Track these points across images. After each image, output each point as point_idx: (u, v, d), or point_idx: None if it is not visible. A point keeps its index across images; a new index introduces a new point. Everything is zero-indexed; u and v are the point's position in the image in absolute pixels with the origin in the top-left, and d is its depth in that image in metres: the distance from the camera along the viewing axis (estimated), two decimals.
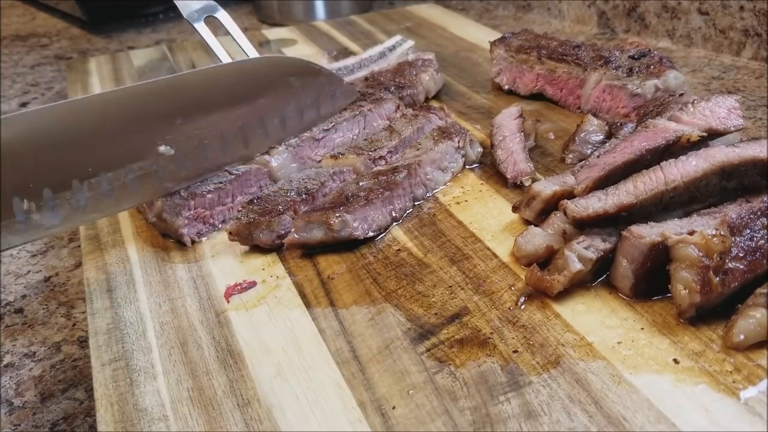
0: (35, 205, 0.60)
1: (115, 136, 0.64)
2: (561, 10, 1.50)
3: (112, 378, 0.57)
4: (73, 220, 0.63)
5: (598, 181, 0.67)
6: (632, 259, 0.58)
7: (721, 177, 0.64)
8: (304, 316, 0.62)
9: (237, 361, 0.58)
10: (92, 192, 0.63)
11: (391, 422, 0.50)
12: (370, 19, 1.55)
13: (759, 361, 0.52)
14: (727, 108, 0.72)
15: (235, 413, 0.52)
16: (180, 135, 0.68)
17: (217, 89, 0.71)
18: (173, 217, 0.73)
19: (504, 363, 0.55)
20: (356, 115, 0.89)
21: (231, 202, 0.78)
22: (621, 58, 0.94)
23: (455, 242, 0.71)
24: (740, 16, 1.14)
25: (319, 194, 0.76)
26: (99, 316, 0.64)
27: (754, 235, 0.58)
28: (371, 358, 0.57)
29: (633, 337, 0.56)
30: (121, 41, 1.76)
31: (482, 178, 0.83)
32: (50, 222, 0.62)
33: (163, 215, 0.73)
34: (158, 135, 0.66)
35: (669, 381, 0.51)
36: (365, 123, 0.89)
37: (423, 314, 0.61)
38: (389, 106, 0.92)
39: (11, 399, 0.68)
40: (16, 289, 0.84)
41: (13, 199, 0.59)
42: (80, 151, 0.62)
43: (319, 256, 0.71)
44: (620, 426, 0.48)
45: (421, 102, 1.04)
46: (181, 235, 0.73)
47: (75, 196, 0.62)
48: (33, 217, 0.60)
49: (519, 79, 1.05)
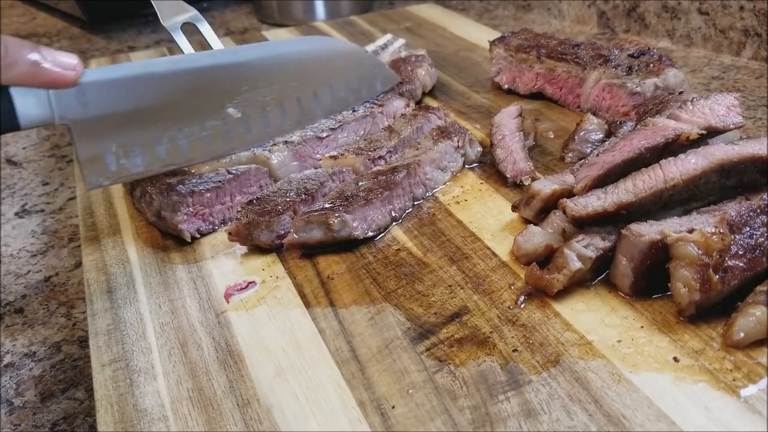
0: (122, 151, 0.68)
1: (192, 96, 0.72)
2: (561, 10, 1.50)
3: (112, 379, 0.57)
4: (153, 167, 0.71)
5: (597, 179, 0.67)
6: (632, 258, 0.58)
7: (721, 175, 0.64)
8: (303, 316, 0.62)
9: (237, 361, 0.58)
10: (171, 144, 0.71)
11: (390, 421, 0.50)
12: (370, 19, 1.55)
13: (759, 359, 0.52)
14: (726, 106, 0.72)
15: (235, 413, 0.52)
16: (245, 100, 0.76)
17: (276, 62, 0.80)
18: (172, 213, 0.73)
19: (504, 362, 0.55)
20: (366, 116, 0.89)
21: (230, 202, 0.78)
22: (620, 56, 0.94)
23: (455, 242, 0.71)
24: (740, 16, 1.14)
25: (319, 194, 0.76)
26: (99, 317, 0.65)
27: (753, 233, 0.58)
28: (371, 357, 0.57)
29: (633, 336, 0.56)
30: (121, 41, 1.76)
31: (482, 178, 0.83)
32: (134, 167, 0.69)
33: (162, 213, 0.73)
34: (227, 98, 0.75)
35: (669, 379, 0.51)
36: (373, 123, 0.90)
37: (423, 314, 0.61)
38: (398, 104, 0.93)
39: (11, 399, 0.68)
40: (16, 289, 0.84)
41: (105, 144, 0.67)
42: (162, 107, 0.70)
43: (318, 256, 0.71)
44: (620, 424, 0.48)
45: (419, 97, 1.05)
46: (181, 231, 0.73)
47: (156, 147, 0.70)
48: (121, 161, 0.68)
49: (518, 78, 1.05)
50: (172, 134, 0.72)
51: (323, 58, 0.84)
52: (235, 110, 0.75)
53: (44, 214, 1.01)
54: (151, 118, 0.70)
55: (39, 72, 0.60)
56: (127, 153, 0.69)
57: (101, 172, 0.68)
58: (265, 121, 0.78)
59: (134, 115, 0.69)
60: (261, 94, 0.77)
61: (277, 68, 0.79)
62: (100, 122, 0.66)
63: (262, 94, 0.77)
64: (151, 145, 0.70)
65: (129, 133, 0.69)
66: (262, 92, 0.77)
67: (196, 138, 0.73)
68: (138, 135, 0.69)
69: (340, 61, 0.86)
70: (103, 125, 0.67)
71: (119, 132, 0.68)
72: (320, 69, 0.83)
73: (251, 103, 0.76)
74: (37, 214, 1.02)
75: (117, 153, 0.68)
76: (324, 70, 0.83)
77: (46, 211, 1.02)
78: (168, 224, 0.74)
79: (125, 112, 0.68)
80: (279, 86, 0.79)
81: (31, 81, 0.61)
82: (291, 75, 0.80)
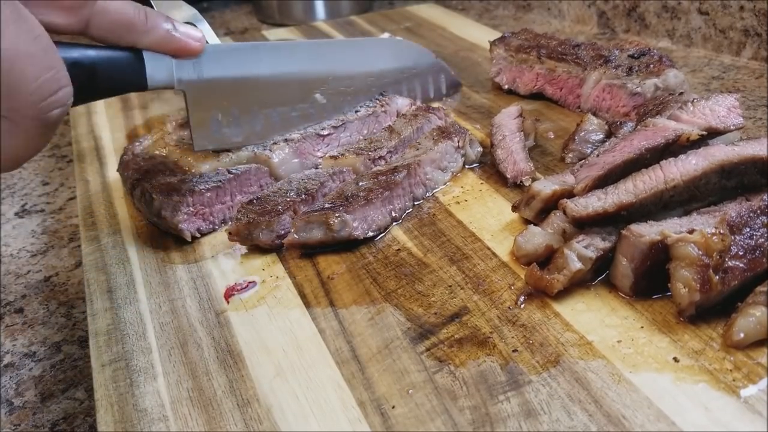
0: (226, 120, 0.78)
1: (288, 79, 0.83)
2: (561, 10, 1.50)
3: (112, 379, 0.57)
4: (249, 139, 0.80)
5: (597, 180, 0.67)
6: (632, 258, 0.58)
7: (721, 176, 0.64)
8: (303, 316, 0.62)
9: (237, 361, 0.58)
10: (266, 120, 0.81)
11: (390, 422, 0.50)
12: (370, 19, 1.55)
13: (759, 360, 0.52)
14: (726, 107, 0.72)
15: (235, 413, 0.53)
16: (330, 88, 0.87)
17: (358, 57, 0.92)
18: (172, 213, 0.73)
19: (504, 362, 0.55)
20: (370, 116, 0.89)
21: (230, 201, 0.78)
22: (620, 57, 0.94)
23: (455, 242, 0.71)
24: (740, 16, 1.14)
25: (319, 194, 0.76)
26: (99, 316, 0.65)
27: (753, 234, 0.58)
28: (371, 357, 0.57)
29: (633, 336, 0.56)
30: None
31: (482, 178, 0.83)
32: (234, 136, 0.79)
33: (162, 213, 0.73)
34: (316, 85, 0.86)
35: (669, 379, 0.51)
36: (376, 123, 0.90)
37: (423, 314, 0.61)
38: (402, 102, 0.93)
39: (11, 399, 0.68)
40: (16, 289, 0.84)
41: (212, 112, 0.76)
42: (262, 87, 0.80)
43: (318, 256, 0.71)
44: (620, 425, 0.48)
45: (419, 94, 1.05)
46: (181, 230, 0.73)
47: (253, 120, 0.80)
48: (223, 130, 0.78)
49: (519, 78, 1.05)
50: (268, 112, 0.81)
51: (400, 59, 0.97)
52: (321, 96, 0.86)
53: (44, 214, 1.01)
54: (253, 95, 0.79)
55: (171, 39, 0.67)
56: (229, 123, 0.78)
57: (207, 137, 0.77)
58: (346, 108, 0.89)
59: (239, 91, 0.78)
60: (344, 84, 0.88)
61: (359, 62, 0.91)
62: (210, 92, 0.75)
63: (345, 84, 0.88)
64: (249, 119, 0.80)
65: (233, 105, 0.78)
66: (345, 83, 0.89)
67: (287, 117, 0.83)
68: (240, 109, 0.78)
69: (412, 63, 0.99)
70: (212, 95, 0.75)
71: (225, 103, 0.77)
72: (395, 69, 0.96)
73: (335, 92, 0.87)
74: (37, 214, 1.02)
75: (221, 122, 0.77)
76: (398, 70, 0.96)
77: (46, 211, 1.02)
78: (168, 224, 0.74)
79: (232, 87, 0.77)
80: (360, 80, 0.91)
81: (163, 47, 0.67)
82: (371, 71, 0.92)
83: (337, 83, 0.87)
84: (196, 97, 0.74)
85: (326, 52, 0.88)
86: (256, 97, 0.80)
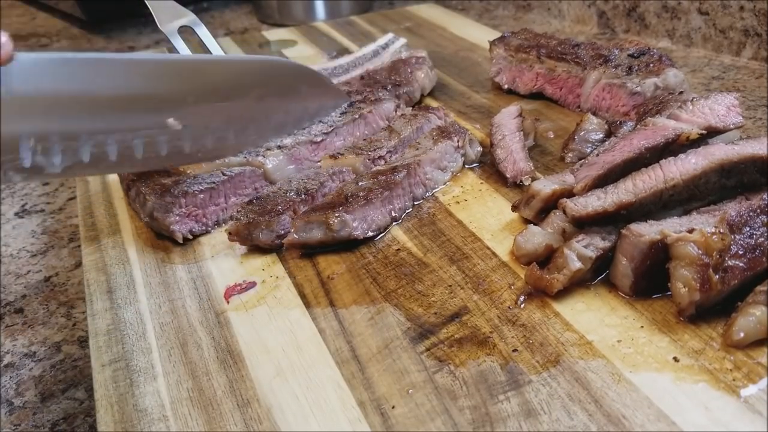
0: (41, 148, 0.61)
1: (130, 99, 0.66)
2: (561, 10, 1.50)
3: (112, 379, 0.57)
4: (73, 171, 0.64)
5: (597, 179, 0.67)
6: (632, 258, 0.58)
7: (721, 175, 0.64)
8: (303, 316, 0.62)
9: (237, 361, 0.58)
10: (97, 149, 0.64)
11: (390, 421, 0.50)
12: (370, 19, 1.55)
13: (759, 359, 0.52)
14: (726, 106, 0.72)
15: (235, 413, 0.52)
16: (188, 113, 0.69)
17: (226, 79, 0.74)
18: (164, 214, 0.73)
19: (504, 362, 0.55)
20: (356, 119, 0.89)
21: (224, 203, 0.78)
22: (620, 56, 0.94)
23: (455, 241, 0.71)
24: (740, 16, 1.14)
25: (319, 194, 0.76)
26: (99, 317, 0.65)
27: (753, 233, 0.58)
28: (371, 357, 0.57)
29: (633, 336, 0.56)
30: (121, 41, 1.76)
31: (482, 178, 0.83)
32: (51, 168, 0.63)
33: (154, 213, 0.73)
34: (169, 108, 0.68)
35: (669, 379, 0.51)
36: (365, 125, 0.89)
37: (422, 314, 0.61)
38: (388, 106, 0.92)
39: (11, 399, 0.68)
40: (16, 289, 0.85)
41: (22, 139, 0.60)
42: (93, 107, 0.64)
43: (318, 256, 0.71)
44: (620, 424, 0.48)
45: (417, 99, 1.05)
46: (173, 232, 0.73)
47: (80, 149, 0.64)
48: (37, 159, 0.61)
49: (518, 78, 1.05)
50: (101, 138, 0.64)
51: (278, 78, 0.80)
52: (175, 121, 0.68)
53: (44, 214, 1.01)
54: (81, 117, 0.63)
55: None
56: (46, 150, 0.62)
57: (13, 167, 0.61)
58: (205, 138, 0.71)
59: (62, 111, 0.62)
60: (206, 109, 0.70)
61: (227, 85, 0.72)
62: (20, 111, 0.59)
63: (207, 109, 0.70)
64: (75, 147, 0.63)
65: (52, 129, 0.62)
66: (208, 107, 0.70)
67: (127, 146, 0.66)
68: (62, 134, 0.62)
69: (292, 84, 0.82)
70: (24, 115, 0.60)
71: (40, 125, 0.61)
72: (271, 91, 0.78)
73: (194, 116, 0.69)
74: (37, 214, 1.02)
75: (34, 148, 0.61)
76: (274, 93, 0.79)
77: (46, 211, 1.02)
78: (160, 225, 0.74)
79: (52, 106, 0.61)
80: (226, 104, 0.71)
81: None
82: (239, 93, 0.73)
83: (196, 108, 0.70)
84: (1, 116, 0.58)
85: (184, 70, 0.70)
86: (83, 120, 0.63)
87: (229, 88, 0.74)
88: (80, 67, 0.63)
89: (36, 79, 0.60)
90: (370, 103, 0.91)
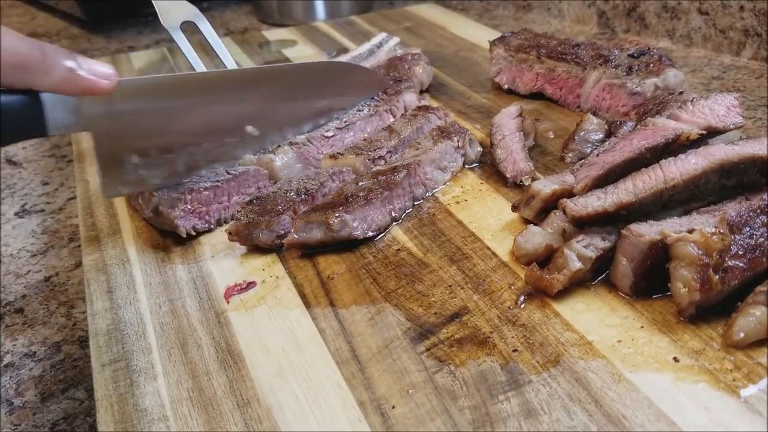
0: (143, 161, 0.70)
1: (213, 112, 0.74)
2: (561, 10, 1.50)
3: (113, 379, 0.57)
4: (170, 179, 0.73)
5: (597, 179, 0.67)
6: (632, 258, 0.58)
7: (721, 175, 0.64)
8: (303, 316, 0.62)
9: (237, 361, 0.58)
10: (189, 158, 0.73)
11: (390, 421, 0.50)
12: (370, 19, 1.55)
13: (759, 359, 0.52)
14: (726, 106, 0.72)
15: (235, 413, 0.52)
16: (263, 119, 0.79)
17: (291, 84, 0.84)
18: (169, 209, 0.73)
19: (504, 362, 0.55)
20: (372, 115, 0.89)
21: (227, 201, 0.78)
22: (620, 56, 0.94)
23: (455, 242, 0.71)
24: (740, 16, 1.14)
25: (319, 194, 0.76)
26: (99, 317, 0.65)
27: (753, 233, 0.58)
28: (371, 357, 0.57)
29: (633, 336, 0.56)
30: (121, 41, 1.76)
31: (482, 178, 0.83)
32: (153, 178, 0.71)
33: (159, 208, 0.73)
34: (247, 116, 0.78)
35: (669, 379, 0.51)
36: (379, 119, 0.90)
37: (423, 314, 0.61)
38: (410, 98, 0.94)
39: (11, 399, 0.68)
40: (16, 289, 0.85)
41: (125, 154, 0.69)
42: (185, 122, 0.72)
43: (318, 256, 0.71)
44: (620, 424, 0.48)
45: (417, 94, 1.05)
46: (177, 226, 0.73)
47: (175, 160, 0.72)
48: (140, 172, 0.70)
49: (518, 78, 1.05)
50: (192, 148, 0.73)
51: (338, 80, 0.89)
52: (253, 128, 0.78)
53: (44, 214, 1.01)
54: (175, 132, 0.71)
55: (74, 79, 0.59)
56: (148, 164, 0.70)
57: (121, 181, 0.69)
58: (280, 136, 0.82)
59: (158, 128, 0.70)
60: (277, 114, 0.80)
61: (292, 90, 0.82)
62: (123, 131, 0.67)
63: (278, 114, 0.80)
64: (171, 158, 0.71)
65: (151, 145, 0.70)
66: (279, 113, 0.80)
67: (214, 152, 0.75)
68: (160, 148, 0.70)
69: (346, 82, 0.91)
70: (126, 134, 0.68)
71: (141, 143, 0.69)
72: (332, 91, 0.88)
73: (268, 123, 0.80)
74: (37, 214, 1.02)
75: (137, 164, 0.69)
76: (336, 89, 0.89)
77: (46, 211, 1.02)
78: (164, 219, 0.74)
79: (150, 124, 0.69)
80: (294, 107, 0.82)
81: (65, 88, 0.59)
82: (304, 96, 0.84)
83: (269, 114, 0.79)
84: (106, 137, 0.66)
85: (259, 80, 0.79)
86: (176, 134, 0.71)
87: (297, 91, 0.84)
88: (171, 86, 0.71)
89: (136, 99, 0.68)
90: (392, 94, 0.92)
